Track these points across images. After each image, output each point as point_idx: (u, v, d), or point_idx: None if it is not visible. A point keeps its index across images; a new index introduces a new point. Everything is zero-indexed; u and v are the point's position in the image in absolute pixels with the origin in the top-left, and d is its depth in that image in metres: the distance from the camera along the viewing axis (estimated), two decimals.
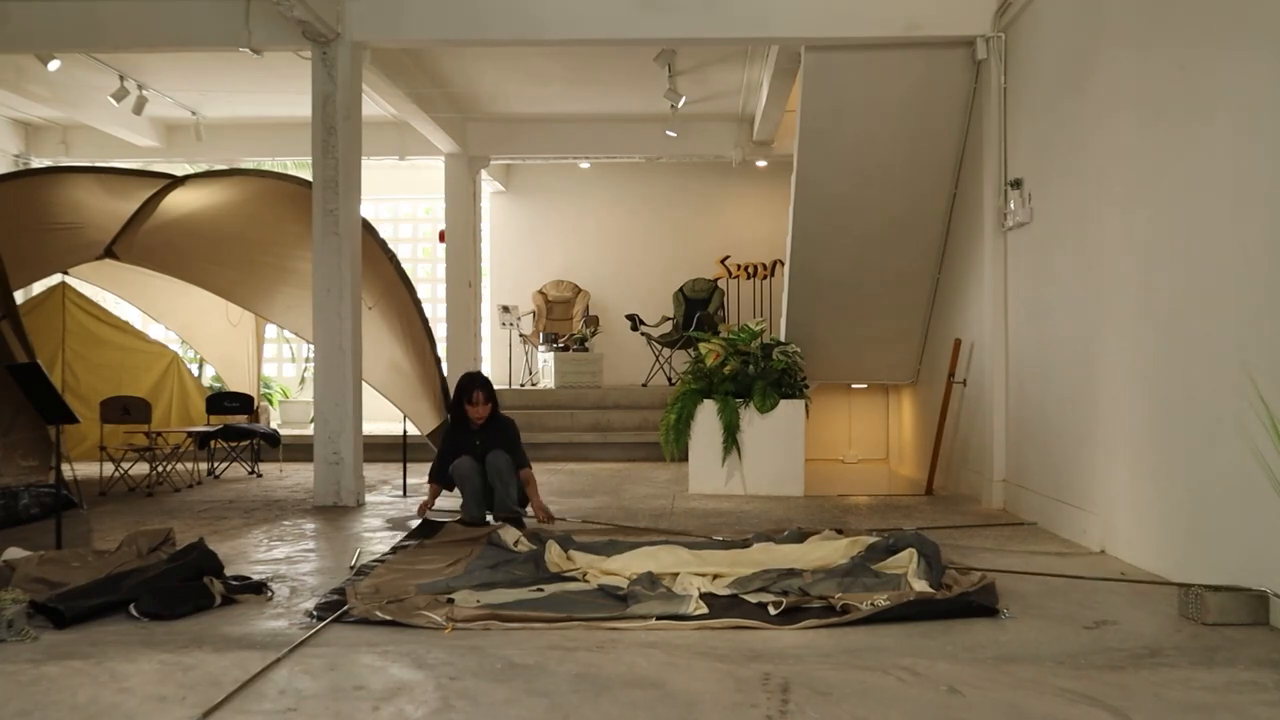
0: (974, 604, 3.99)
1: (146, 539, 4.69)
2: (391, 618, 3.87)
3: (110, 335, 10.10)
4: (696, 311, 12.19)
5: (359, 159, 7.28)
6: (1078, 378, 5.67)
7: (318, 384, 7.18)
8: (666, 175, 13.28)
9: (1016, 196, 6.67)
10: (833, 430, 10.79)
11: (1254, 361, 3.89)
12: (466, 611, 3.92)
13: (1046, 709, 2.90)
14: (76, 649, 3.52)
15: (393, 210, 14.25)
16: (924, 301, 8.65)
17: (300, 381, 13.44)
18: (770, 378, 7.67)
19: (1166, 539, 4.63)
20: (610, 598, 4.18)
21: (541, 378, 12.59)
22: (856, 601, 3.95)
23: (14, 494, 6.39)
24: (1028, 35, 6.61)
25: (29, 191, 8.26)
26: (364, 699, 3.01)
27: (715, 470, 7.69)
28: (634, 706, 2.93)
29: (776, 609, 3.95)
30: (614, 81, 10.09)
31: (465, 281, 11.68)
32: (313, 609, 4.06)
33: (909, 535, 4.93)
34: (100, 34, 7.44)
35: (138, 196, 8.22)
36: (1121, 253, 5.11)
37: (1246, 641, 3.54)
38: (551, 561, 4.81)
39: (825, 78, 7.60)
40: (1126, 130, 5.07)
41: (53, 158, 11.80)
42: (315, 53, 7.12)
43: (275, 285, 8.08)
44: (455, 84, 10.17)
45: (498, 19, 7.18)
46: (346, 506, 7.04)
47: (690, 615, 3.91)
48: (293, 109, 10.36)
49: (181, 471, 8.74)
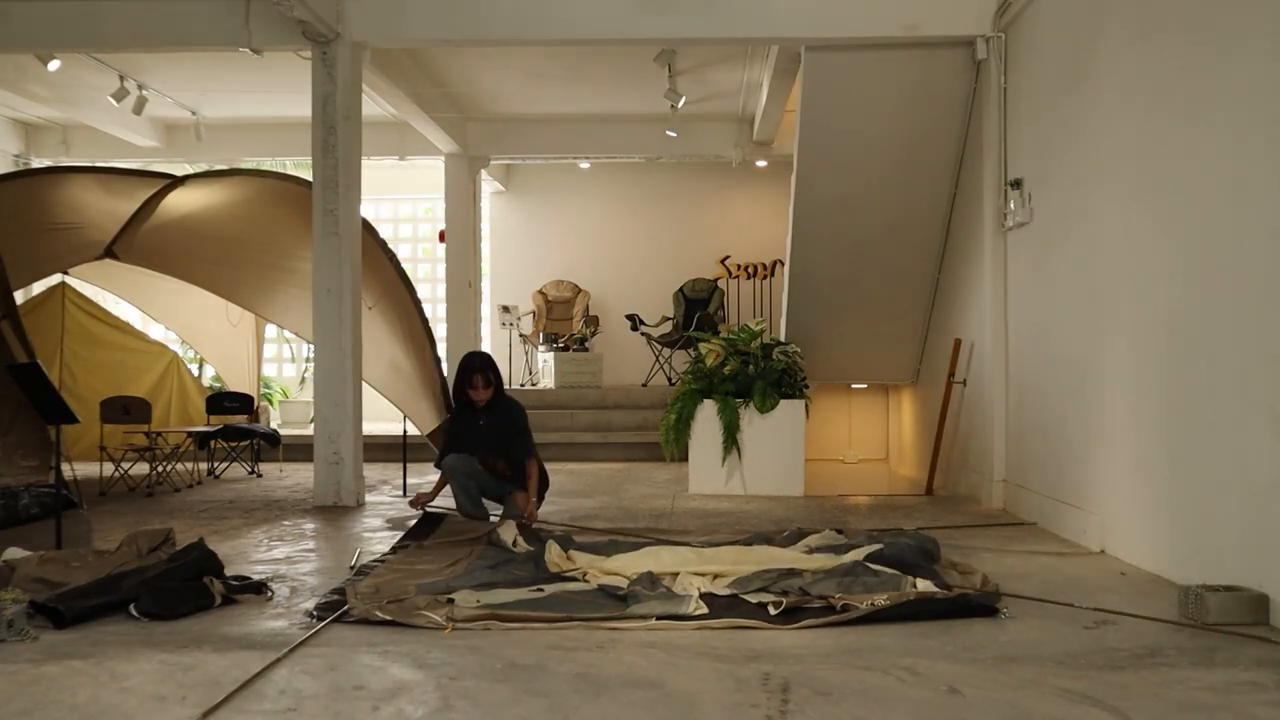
0: (974, 603, 3.99)
1: (146, 539, 4.69)
2: (391, 618, 3.86)
3: (110, 335, 10.09)
4: (696, 311, 12.19)
5: (359, 159, 7.28)
6: (1077, 377, 5.67)
7: (318, 384, 7.17)
8: (666, 175, 13.28)
9: (1016, 196, 6.67)
10: (833, 430, 10.79)
11: (1254, 360, 3.89)
12: (466, 611, 3.92)
13: (1046, 709, 2.90)
14: (76, 649, 3.52)
15: (393, 210, 14.25)
16: (924, 301, 8.65)
17: (300, 381, 13.44)
18: (770, 378, 7.67)
19: (1166, 539, 4.63)
20: (610, 598, 4.17)
21: (541, 378, 12.59)
22: (856, 601, 3.95)
23: (14, 494, 6.38)
24: (1028, 35, 6.61)
25: (29, 191, 8.25)
26: (364, 699, 3.01)
27: (715, 470, 7.69)
28: (634, 706, 2.93)
29: (776, 609, 3.95)
30: (614, 81, 10.09)
31: (465, 281, 11.68)
32: (313, 609, 4.06)
33: (909, 535, 4.94)
34: (100, 34, 7.44)
35: (138, 196, 8.22)
36: (1121, 252, 5.11)
37: (1246, 641, 3.54)
38: (551, 561, 4.81)
39: (825, 78, 7.60)
40: (1127, 130, 5.07)
41: (53, 158, 11.79)
42: (315, 53, 7.12)
43: (275, 285, 8.08)
44: (455, 84, 10.17)
45: (498, 19, 7.18)
46: (346, 506, 7.04)
47: (690, 615, 3.91)
48: (293, 109, 10.36)
49: (181, 471, 8.74)
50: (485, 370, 6.22)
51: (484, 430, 6.22)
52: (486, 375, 6.20)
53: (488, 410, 6.25)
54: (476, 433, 6.22)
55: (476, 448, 6.21)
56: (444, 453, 6.37)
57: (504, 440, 6.21)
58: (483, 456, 6.22)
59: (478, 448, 6.22)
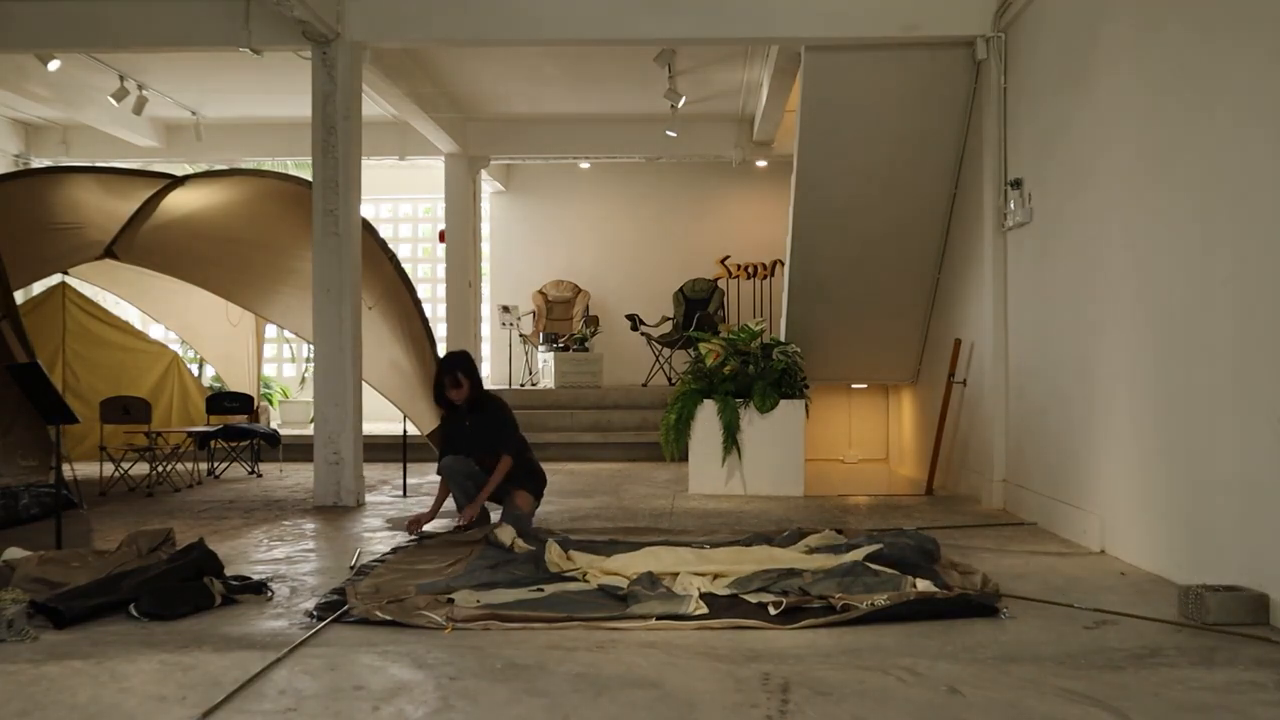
0: (974, 603, 3.99)
1: (146, 539, 4.69)
2: (391, 618, 3.86)
3: (110, 335, 10.10)
4: (696, 311, 12.19)
5: (359, 159, 7.28)
6: (1077, 377, 5.67)
7: (318, 384, 7.17)
8: (666, 175, 13.28)
9: (1016, 196, 6.67)
10: (833, 430, 10.79)
11: (1254, 360, 3.89)
12: (466, 611, 3.92)
13: (1046, 709, 2.90)
14: (76, 649, 3.52)
15: (393, 210, 14.25)
16: (924, 301, 8.65)
17: (300, 381, 13.44)
18: (770, 378, 7.67)
19: (1166, 539, 4.63)
20: (610, 598, 4.17)
21: (541, 378, 12.59)
22: (856, 601, 3.95)
23: (14, 494, 6.38)
24: (1028, 35, 6.61)
25: (29, 191, 8.26)
26: (364, 699, 3.01)
27: (715, 470, 7.69)
28: (634, 706, 2.93)
29: (776, 609, 3.95)
30: (614, 81, 10.09)
31: (465, 281, 11.68)
32: (313, 609, 4.06)
33: (909, 535, 4.93)
34: (100, 34, 7.44)
35: (138, 196, 8.22)
36: (1121, 252, 5.11)
37: (1246, 641, 3.54)
38: (551, 561, 4.81)
39: (825, 78, 7.60)
40: (1126, 129, 5.07)
41: (53, 158, 11.79)
42: (315, 53, 7.12)
43: (275, 285, 8.08)
44: (455, 84, 10.17)
45: (498, 19, 7.18)
46: (346, 506, 7.04)
47: (690, 615, 3.91)
48: (293, 109, 10.36)
49: (181, 471, 8.74)
50: (456, 369, 6.12)
51: (471, 431, 6.16)
52: (455, 375, 6.10)
53: (472, 410, 6.19)
54: (465, 434, 6.19)
55: (469, 449, 6.19)
56: (441, 456, 6.37)
57: (492, 439, 6.18)
58: (479, 457, 6.21)
59: (470, 449, 6.19)
